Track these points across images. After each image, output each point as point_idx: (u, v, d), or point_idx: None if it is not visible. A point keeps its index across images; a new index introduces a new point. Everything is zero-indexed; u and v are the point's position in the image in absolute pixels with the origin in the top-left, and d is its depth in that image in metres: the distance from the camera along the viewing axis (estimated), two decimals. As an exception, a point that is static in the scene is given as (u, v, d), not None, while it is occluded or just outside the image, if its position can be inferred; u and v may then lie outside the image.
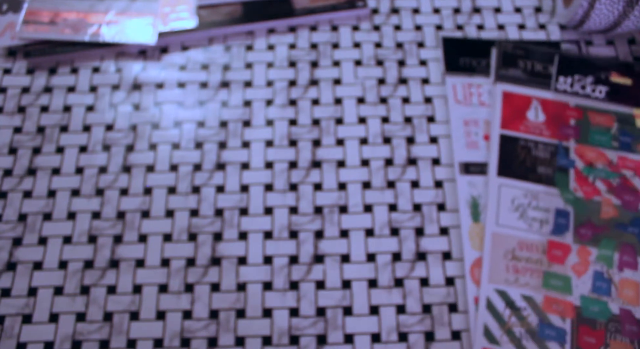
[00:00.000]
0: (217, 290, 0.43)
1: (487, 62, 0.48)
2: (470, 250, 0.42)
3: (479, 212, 0.43)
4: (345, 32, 0.54)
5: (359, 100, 0.50)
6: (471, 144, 0.45)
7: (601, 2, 0.47)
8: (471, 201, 0.43)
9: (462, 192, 0.44)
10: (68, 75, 0.52)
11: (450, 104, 0.47)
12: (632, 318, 0.39)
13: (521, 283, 0.41)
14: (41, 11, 0.53)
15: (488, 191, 0.44)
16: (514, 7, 0.55)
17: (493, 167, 0.45)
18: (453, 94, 0.47)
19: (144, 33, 0.52)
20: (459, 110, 0.46)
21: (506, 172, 0.45)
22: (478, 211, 0.43)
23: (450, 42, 0.50)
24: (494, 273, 0.42)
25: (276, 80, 0.51)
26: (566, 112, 0.46)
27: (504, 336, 0.40)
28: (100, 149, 0.49)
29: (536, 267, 0.41)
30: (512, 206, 0.44)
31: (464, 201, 0.44)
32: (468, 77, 0.47)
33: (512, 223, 0.43)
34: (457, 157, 0.45)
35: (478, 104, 0.46)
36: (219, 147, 0.48)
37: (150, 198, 0.46)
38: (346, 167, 0.47)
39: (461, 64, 0.48)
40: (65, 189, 0.47)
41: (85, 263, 0.44)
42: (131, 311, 0.43)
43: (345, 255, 0.44)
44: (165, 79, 0.52)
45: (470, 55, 0.49)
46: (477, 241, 0.42)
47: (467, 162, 0.45)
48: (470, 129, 0.46)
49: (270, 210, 0.46)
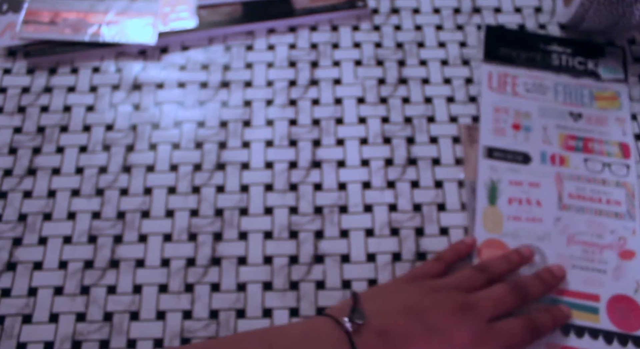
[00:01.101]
0: (217, 290, 0.43)
1: (528, 56, 0.48)
2: (482, 230, 0.43)
3: (496, 197, 0.43)
4: (345, 32, 0.54)
5: (359, 100, 0.50)
6: (499, 130, 0.46)
7: (600, 2, 0.47)
8: (490, 185, 0.44)
9: (483, 175, 0.44)
10: (68, 75, 0.52)
11: (483, 89, 0.48)
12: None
13: None
14: (41, 11, 0.53)
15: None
16: (514, 7, 0.54)
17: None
18: (488, 80, 0.47)
19: (144, 33, 0.52)
20: (491, 96, 0.47)
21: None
22: (495, 195, 0.43)
23: (493, 31, 0.50)
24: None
25: (276, 80, 0.51)
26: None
27: None
28: (100, 149, 0.49)
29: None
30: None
31: (482, 183, 0.44)
32: (505, 66, 0.48)
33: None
34: (482, 140, 0.45)
35: (511, 93, 0.47)
36: (219, 147, 0.48)
37: (150, 198, 0.46)
38: (346, 167, 0.47)
39: (500, 54, 0.48)
40: (65, 189, 0.47)
41: (85, 262, 0.44)
42: (131, 311, 0.42)
43: (345, 255, 0.44)
44: (165, 79, 0.52)
45: (510, 46, 0.49)
46: (490, 223, 0.43)
47: (491, 146, 0.45)
48: (500, 116, 0.46)
49: (270, 210, 0.46)
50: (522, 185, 0.44)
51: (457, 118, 0.49)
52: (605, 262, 0.41)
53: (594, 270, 0.41)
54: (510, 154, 0.45)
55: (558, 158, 0.45)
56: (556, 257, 0.42)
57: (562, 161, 0.45)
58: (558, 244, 0.42)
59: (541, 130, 0.46)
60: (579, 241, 0.42)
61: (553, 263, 0.41)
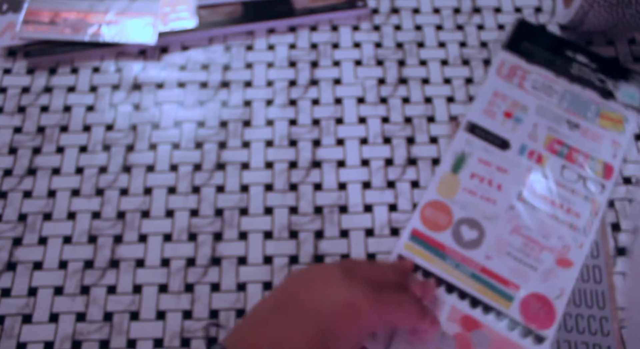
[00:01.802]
0: (217, 290, 0.43)
1: (549, 58, 0.48)
2: (434, 192, 0.43)
3: (460, 167, 0.44)
4: (345, 32, 0.54)
5: (359, 100, 0.50)
6: (489, 112, 0.46)
7: (600, 4, 0.47)
8: (459, 155, 0.44)
9: (456, 145, 0.45)
10: (68, 75, 0.52)
11: (490, 72, 0.48)
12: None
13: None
14: (41, 11, 0.53)
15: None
16: (514, 7, 0.55)
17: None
18: (499, 66, 0.48)
19: (144, 33, 0.52)
20: (495, 81, 0.47)
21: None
22: (461, 165, 0.44)
23: (524, 26, 0.50)
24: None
25: (276, 81, 0.51)
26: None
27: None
28: (100, 149, 0.49)
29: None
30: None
31: (452, 151, 0.45)
32: (521, 59, 0.48)
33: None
34: (469, 115, 0.46)
35: (517, 85, 0.47)
36: (219, 147, 0.48)
37: (150, 198, 0.46)
38: (346, 167, 0.47)
39: (522, 47, 0.49)
40: (65, 189, 0.47)
41: (85, 262, 0.44)
42: (131, 311, 0.42)
43: (345, 255, 0.44)
44: (165, 79, 0.52)
45: (535, 43, 0.49)
46: (445, 188, 0.43)
47: (476, 123, 0.45)
48: (496, 101, 0.47)
49: (270, 210, 0.46)
50: (490, 166, 0.44)
51: (457, 118, 0.49)
52: (540, 261, 0.41)
53: (526, 264, 0.41)
54: (491, 136, 0.45)
55: (536, 156, 0.45)
56: (494, 239, 0.42)
57: (539, 159, 0.45)
58: (501, 229, 0.42)
59: (531, 126, 0.46)
60: (523, 234, 0.42)
61: (490, 243, 0.42)
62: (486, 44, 0.53)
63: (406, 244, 0.41)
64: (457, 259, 0.41)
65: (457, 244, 0.41)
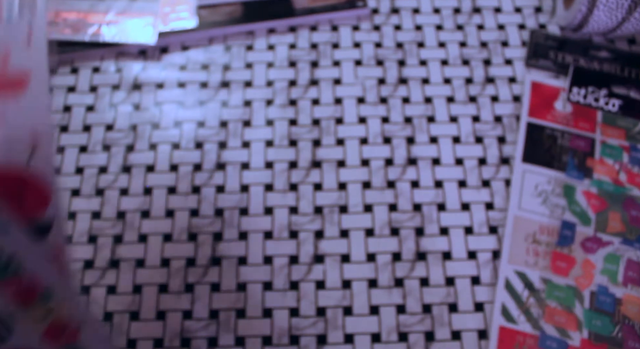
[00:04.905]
0: (217, 290, 0.43)
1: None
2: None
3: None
4: (345, 32, 0.54)
5: (359, 100, 0.50)
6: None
7: (600, 9, 0.47)
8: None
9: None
10: (68, 75, 0.52)
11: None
12: (634, 335, 0.39)
13: (540, 266, 0.42)
14: (41, 11, 0.53)
15: (512, 176, 0.45)
16: (514, 7, 0.55)
17: (519, 153, 0.46)
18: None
19: (144, 33, 0.52)
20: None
21: (531, 159, 0.46)
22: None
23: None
24: (514, 255, 0.42)
25: (276, 80, 0.51)
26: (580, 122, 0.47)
27: (521, 315, 0.40)
28: (100, 149, 0.49)
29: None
30: (535, 191, 0.44)
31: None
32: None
33: (535, 208, 0.44)
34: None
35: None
36: (219, 147, 0.48)
37: (150, 198, 0.46)
38: (346, 167, 0.48)
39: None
40: (65, 189, 0.47)
41: (85, 262, 0.44)
42: (131, 311, 0.42)
43: (345, 255, 0.44)
44: (165, 79, 0.52)
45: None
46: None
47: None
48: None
49: (270, 210, 0.46)
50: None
51: (457, 118, 0.49)
52: None
53: None
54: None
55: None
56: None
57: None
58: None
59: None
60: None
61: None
62: (486, 44, 0.53)
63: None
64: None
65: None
